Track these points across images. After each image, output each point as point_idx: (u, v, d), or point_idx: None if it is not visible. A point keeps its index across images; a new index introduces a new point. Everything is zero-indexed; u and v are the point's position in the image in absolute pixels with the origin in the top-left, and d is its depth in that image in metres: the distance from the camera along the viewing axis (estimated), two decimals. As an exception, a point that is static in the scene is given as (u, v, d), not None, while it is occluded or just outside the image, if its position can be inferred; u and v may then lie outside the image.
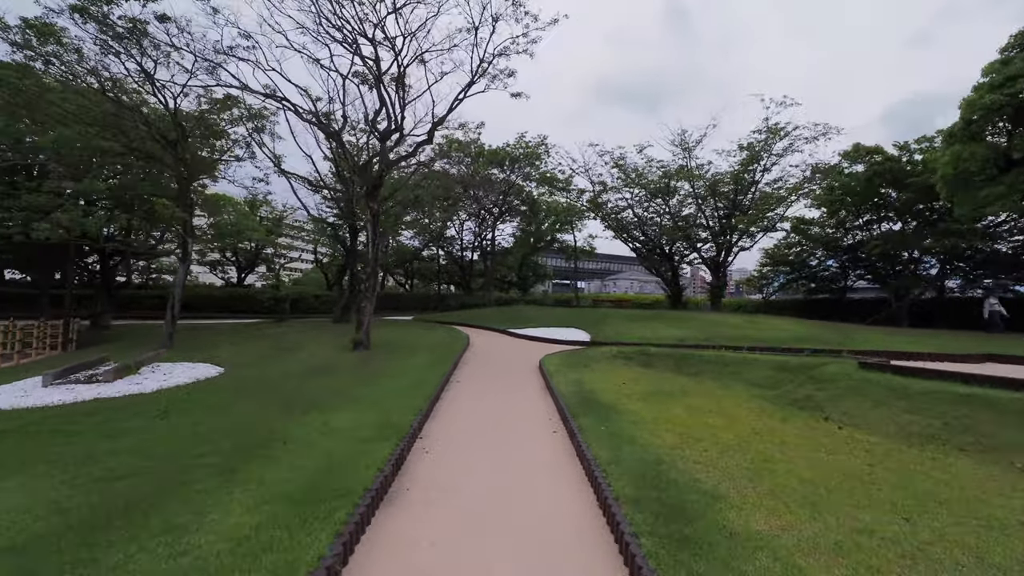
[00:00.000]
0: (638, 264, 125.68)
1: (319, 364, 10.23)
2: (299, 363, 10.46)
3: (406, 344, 13.05)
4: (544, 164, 26.94)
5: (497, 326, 18.80)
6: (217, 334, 16.94)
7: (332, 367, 9.80)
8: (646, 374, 8.66)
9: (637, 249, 27.70)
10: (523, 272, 41.14)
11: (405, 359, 10.66)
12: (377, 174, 11.76)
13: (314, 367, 9.83)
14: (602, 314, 19.12)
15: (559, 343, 14.37)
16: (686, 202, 24.25)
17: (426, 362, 10.23)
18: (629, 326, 15.81)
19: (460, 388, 8.21)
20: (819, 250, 28.57)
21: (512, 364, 10.75)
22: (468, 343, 14.13)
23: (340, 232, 19.28)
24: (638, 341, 12.79)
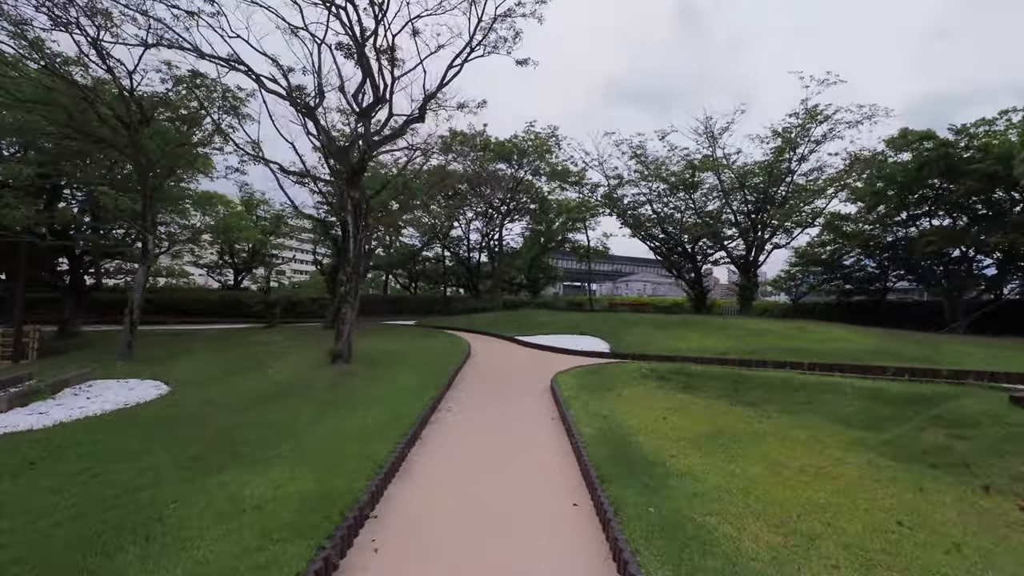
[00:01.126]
0: (652, 266, 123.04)
1: (283, 384, 8.45)
2: (260, 382, 8.69)
3: (396, 356, 11.24)
4: (555, 157, 25.03)
5: (504, 332, 16.94)
6: (190, 342, 15.35)
7: (295, 389, 8.01)
8: (691, 403, 6.69)
9: (656, 248, 25.60)
10: (533, 274, 39.21)
11: (389, 377, 8.82)
12: (358, 157, 9.99)
13: (274, 389, 8.05)
14: (620, 319, 17.14)
15: (574, 354, 12.45)
16: (711, 196, 22.14)
17: (413, 382, 8.39)
18: (654, 334, 13.80)
19: (447, 424, 6.34)
20: (854, 248, 26.19)
21: (518, 383, 8.85)
22: (469, 353, 12.28)
23: (332, 230, 17.60)
24: (670, 354, 10.79)
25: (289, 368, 10.14)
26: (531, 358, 12.06)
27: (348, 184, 10.15)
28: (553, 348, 13.25)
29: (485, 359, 11.83)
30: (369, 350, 12.20)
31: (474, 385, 8.70)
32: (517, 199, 30.66)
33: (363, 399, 7.11)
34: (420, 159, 15.39)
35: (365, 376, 8.95)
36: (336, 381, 8.54)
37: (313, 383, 8.42)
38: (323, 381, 8.56)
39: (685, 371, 8.25)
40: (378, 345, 13.23)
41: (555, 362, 11.21)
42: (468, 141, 23.84)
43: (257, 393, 7.73)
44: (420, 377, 8.80)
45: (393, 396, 7.30)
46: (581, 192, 26.12)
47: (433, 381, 8.34)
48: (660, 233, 25.05)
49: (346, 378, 8.80)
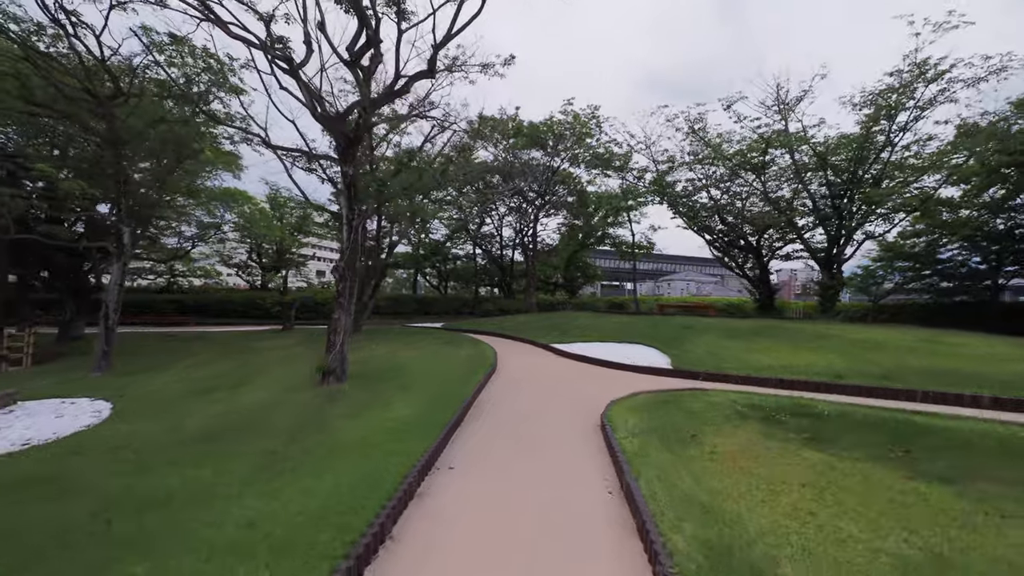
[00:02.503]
0: (695, 264, 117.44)
1: (244, 414, 6.46)
2: (220, 410, 6.75)
3: (403, 371, 9.10)
4: (595, 141, 22.33)
5: (539, 338, 14.56)
6: (191, 349, 13.97)
7: (254, 423, 5.98)
8: (838, 474, 4.06)
9: (713, 242, 22.39)
10: (570, 272, 36.57)
11: (384, 405, 6.65)
12: (353, 122, 7.93)
13: (226, 423, 6.05)
14: (677, 324, 14.33)
15: (625, 369, 9.89)
16: (783, 178, 18.76)
17: (414, 414, 6.17)
18: (727, 345, 10.99)
19: (441, 501, 4.05)
20: (955, 239, 21.83)
21: (554, 417, 6.45)
22: (494, 367, 10.00)
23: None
24: (760, 375, 8.03)
25: (269, 387, 8.22)
26: (572, 375, 9.62)
27: (341, 158, 8.10)
28: (598, 361, 10.74)
29: (513, 376, 9.49)
30: (373, 362, 10.15)
31: (494, 420, 6.38)
32: (553, 191, 28.19)
33: (331, 448, 4.94)
34: (442, 137, 13.28)
35: (353, 403, 6.82)
36: (312, 411, 6.45)
37: (281, 414, 6.37)
38: (296, 411, 6.50)
39: (804, 408, 5.56)
40: (388, 355, 11.20)
41: (603, 382, 8.71)
42: (499, 126, 21.64)
43: (200, 431, 5.75)
44: (425, 405, 6.58)
45: (383, 438, 5.10)
46: (625, 179, 23.26)
47: (439, 414, 6.08)
48: (718, 224, 21.82)
49: (328, 405, 6.70)
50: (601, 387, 8.19)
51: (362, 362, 10.18)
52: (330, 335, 8.18)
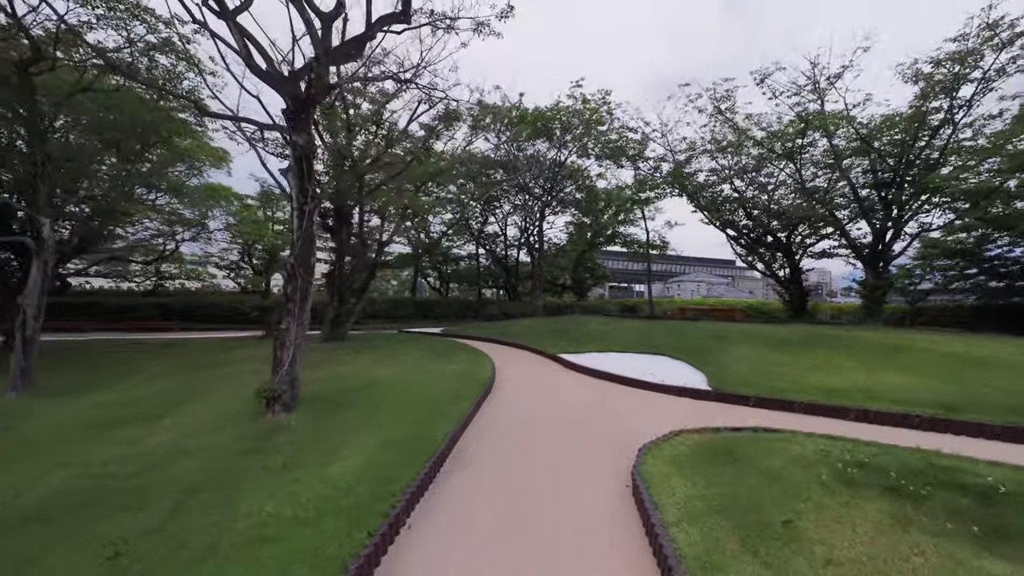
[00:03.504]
0: (705, 264, 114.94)
1: (135, 465, 4.65)
2: (111, 456, 4.96)
3: (372, 396, 7.29)
4: (606, 128, 20.40)
5: (546, 347, 12.72)
6: (148, 359, 12.32)
7: (139, 482, 4.18)
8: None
9: (737, 238, 20.37)
10: (578, 273, 34.63)
11: (329, 452, 4.84)
12: (306, 82, 6.17)
13: (97, 483, 4.24)
14: (707, 333, 12.40)
15: (653, 390, 7.99)
16: (820, 165, 16.69)
17: (364, 467, 4.36)
18: (770, 359, 9.06)
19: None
20: (1006, 234, 19.58)
21: (565, 469, 4.60)
22: (490, 387, 8.17)
23: (327, 217, 14.11)
24: (828, 402, 6.07)
25: (197, 417, 6.45)
26: (585, 398, 7.75)
27: (289, 124, 6.33)
28: (618, 378, 8.85)
29: (513, 399, 7.65)
30: (342, 380, 8.35)
31: (480, 474, 4.55)
32: (560, 187, 26.33)
33: (213, 543, 3.13)
34: (430, 113, 11.44)
35: (290, 446, 5.01)
36: (228, 461, 4.65)
37: (185, 466, 4.58)
38: (206, 460, 4.70)
39: (953, 474, 3.63)
40: (363, 371, 9.40)
41: (627, 409, 6.84)
42: (500, 113, 19.83)
43: (49, 497, 3.97)
44: (390, 450, 4.77)
45: (292, 526, 3.28)
46: (639, 169, 21.26)
47: (399, 469, 4.27)
48: (743, 219, 19.81)
49: (254, 451, 4.90)
50: (626, 418, 6.31)
51: (328, 380, 8.40)
52: (276, 351, 6.39)
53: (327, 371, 9.46)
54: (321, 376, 8.89)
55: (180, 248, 24.16)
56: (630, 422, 6.11)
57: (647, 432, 5.44)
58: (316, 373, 9.26)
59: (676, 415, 6.43)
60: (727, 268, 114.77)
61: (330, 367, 9.93)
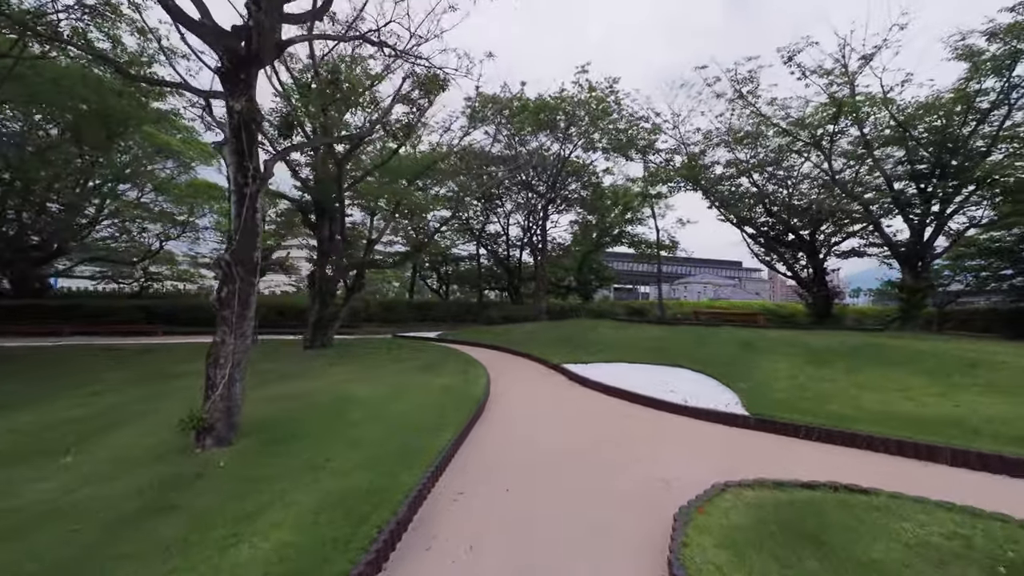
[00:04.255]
0: (710, 266, 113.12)
1: (18, 518, 3.36)
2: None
3: (336, 422, 5.98)
4: (616, 117, 19.02)
5: (549, 356, 11.39)
6: (104, 369, 11.08)
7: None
8: None
9: (756, 236, 18.96)
10: (583, 275, 33.24)
11: (251, 518, 3.52)
12: (246, 31, 4.90)
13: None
14: (733, 341, 11.01)
15: (679, 412, 6.62)
16: (849, 156, 15.24)
17: (287, 542, 3.04)
18: (813, 374, 7.67)
19: None
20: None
21: (578, 545, 3.27)
22: (481, 409, 6.85)
23: (309, 213, 12.84)
24: (912, 438, 4.63)
25: (119, 447, 5.18)
26: (597, 426, 6.41)
27: (226, 86, 5.05)
28: (634, 396, 7.49)
29: (507, 428, 6.32)
30: (306, 399, 7.03)
31: (445, 564, 3.21)
32: (564, 183, 25.00)
33: None
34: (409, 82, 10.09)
35: (208, 500, 3.71)
36: (116, 525, 3.35)
37: (47, 535, 3.28)
38: (86, 523, 3.41)
39: None
40: (337, 385, 8.09)
41: (649, 440, 5.48)
42: (500, 104, 18.54)
43: None
44: (330, 512, 3.46)
45: None
46: (650, 162, 19.86)
47: (340, 550, 2.95)
48: (762, 215, 18.40)
49: (168, 501, 3.60)
50: (649, 456, 4.96)
51: (291, 399, 7.10)
52: (208, 369, 5.09)
53: (294, 386, 8.17)
54: (284, 393, 7.60)
55: (165, 247, 23.04)
56: (656, 463, 4.76)
57: (681, 481, 4.10)
58: (280, 388, 7.98)
59: (713, 451, 5.08)
60: (733, 269, 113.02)
61: (299, 381, 8.64)
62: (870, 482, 3.83)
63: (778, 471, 4.28)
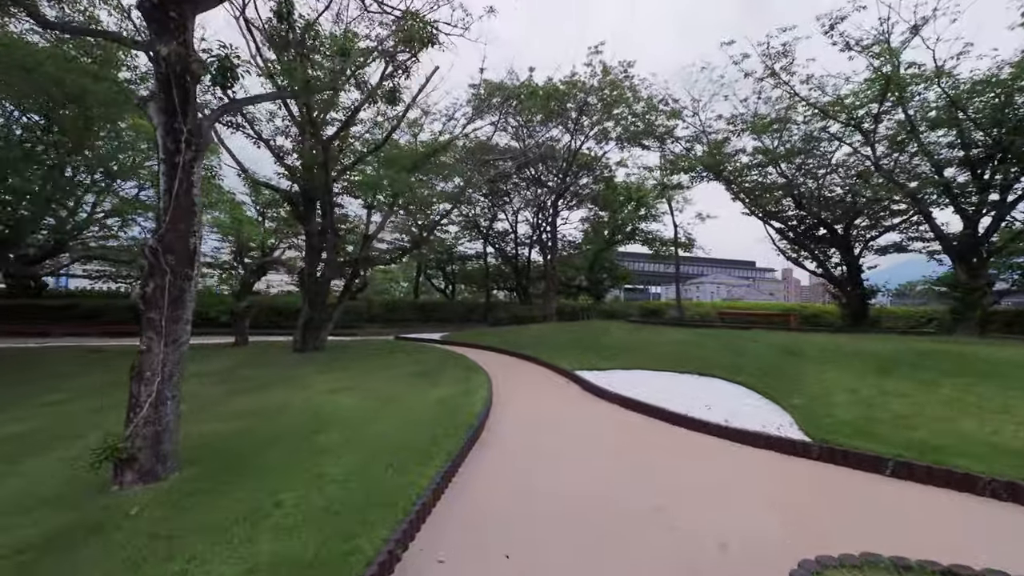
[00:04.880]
0: (722, 266, 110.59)
1: None
2: None
3: (302, 446, 4.89)
4: (631, 100, 17.75)
5: (560, 361, 10.24)
6: (73, 371, 10.23)
7: None
8: None
9: (784, 231, 17.57)
10: (595, 274, 31.95)
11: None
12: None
13: None
14: (772, 346, 9.76)
15: (718, 435, 5.41)
16: (893, 140, 13.81)
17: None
18: (878, 386, 6.42)
19: None
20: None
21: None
22: (479, 429, 5.73)
23: (298, 205, 11.80)
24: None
25: (28, 482, 4.15)
26: (620, 458, 5.25)
27: (152, 26, 4.00)
28: (660, 413, 6.30)
29: (510, 454, 5.19)
30: (275, 416, 5.96)
31: None
32: (575, 177, 23.81)
33: None
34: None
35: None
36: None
37: None
38: None
39: None
40: (318, 396, 7.03)
41: (688, 477, 4.30)
42: (506, 91, 17.43)
43: None
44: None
45: None
46: (667, 151, 18.54)
47: None
48: (790, 209, 17.02)
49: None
50: (692, 504, 3.78)
51: (258, 415, 6.05)
52: (132, 385, 4.03)
53: (270, 397, 7.13)
54: (255, 406, 6.56)
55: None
56: (704, 510, 3.59)
57: (745, 544, 2.93)
58: (252, 400, 6.95)
59: (776, 493, 3.89)
60: (747, 269, 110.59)
61: (278, 391, 7.61)
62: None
63: (874, 528, 3.10)
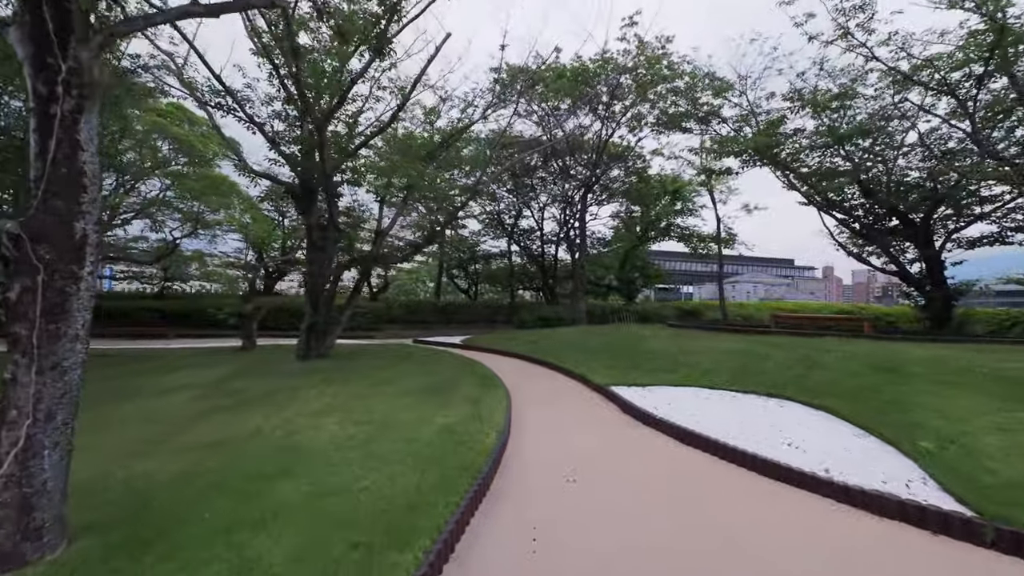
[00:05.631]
0: (760, 264, 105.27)
1: None
2: None
3: (252, 502, 3.64)
4: (668, 75, 15.97)
5: (592, 373, 8.75)
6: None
7: None
8: None
9: (847, 222, 15.41)
10: (626, 272, 30.07)
11: None
12: None
13: None
14: (856, 359, 7.97)
15: (818, 491, 3.81)
16: (992, 108, 11.57)
17: None
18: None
19: None
20: None
21: None
22: (492, 470, 4.32)
23: (297, 194, 10.75)
24: None
25: None
26: (685, 515, 3.76)
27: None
28: (728, 452, 4.75)
29: (529, 518, 3.78)
30: (230, 451, 4.73)
31: None
32: (605, 168, 22.14)
33: None
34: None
35: None
36: None
37: None
38: None
39: None
40: (300, 421, 5.81)
41: (786, 552, 2.79)
42: (530, 75, 16.00)
43: None
44: None
45: None
46: (710, 132, 16.59)
47: None
48: (855, 196, 14.86)
49: None
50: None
51: (213, 449, 4.86)
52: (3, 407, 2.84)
53: (241, 421, 5.97)
54: (219, 434, 5.40)
55: (180, 245, 22.05)
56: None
57: None
58: (221, 425, 5.81)
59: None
60: (785, 268, 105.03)
61: (254, 412, 6.45)
62: None
63: None
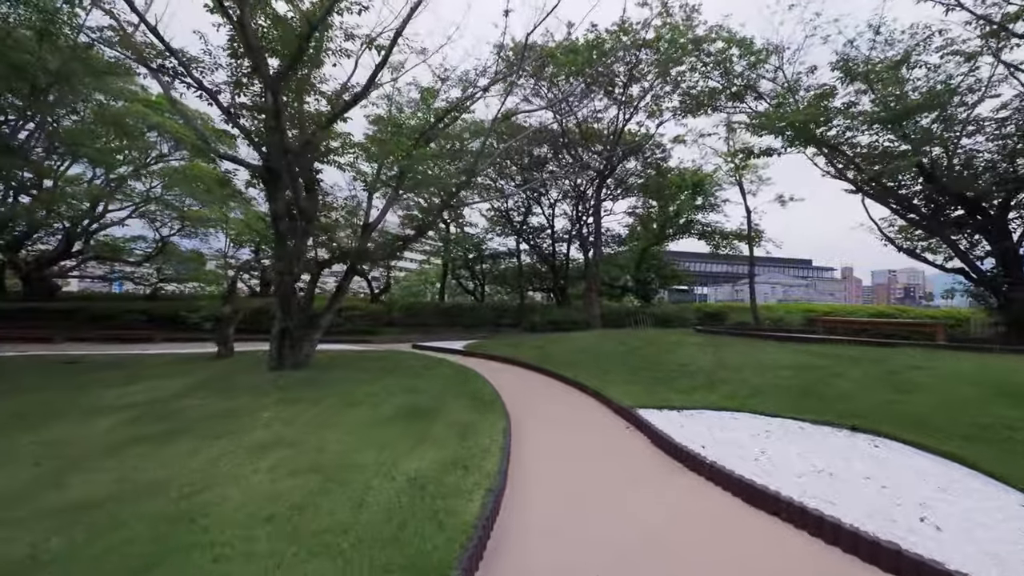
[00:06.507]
0: (778, 265, 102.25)
1: None
2: None
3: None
4: (694, 66, 14.32)
5: (610, 390, 7.11)
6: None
7: None
8: None
9: (902, 212, 13.52)
10: (642, 273, 28.28)
11: None
12: None
13: None
14: (953, 378, 6.26)
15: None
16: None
17: None
18: None
19: None
20: None
21: None
22: (478, 551, 2.76)
23: (254, 179, 9.37)
24: None
25: None
26: None
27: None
28: (827, 527, 3.12)
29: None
30: (113, 508, 3.18)
31: None
32: (620, 156, 20.46)
33: None
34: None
35: None
36: None
37: None
38: None
39: None
40: (220, 463, 4.30)
41: None
42: (539, 53, 14.46)
43: None
44: None
45: None
46: (744, 108, 14.79)
47: None
48: (915, 183, 12.98)
49: None
50: None
51: (90, 511, 3.34)
52: None
53: (149, 466, 4.48)
54: (101, 491, 3.90)
55: (169, 243, 20.97)
56: None
57: None
58: (127, 467, 4.32)
59: None
60: (803, 268, 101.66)
61: (181, 444, 4.96)
62: None
63: None
